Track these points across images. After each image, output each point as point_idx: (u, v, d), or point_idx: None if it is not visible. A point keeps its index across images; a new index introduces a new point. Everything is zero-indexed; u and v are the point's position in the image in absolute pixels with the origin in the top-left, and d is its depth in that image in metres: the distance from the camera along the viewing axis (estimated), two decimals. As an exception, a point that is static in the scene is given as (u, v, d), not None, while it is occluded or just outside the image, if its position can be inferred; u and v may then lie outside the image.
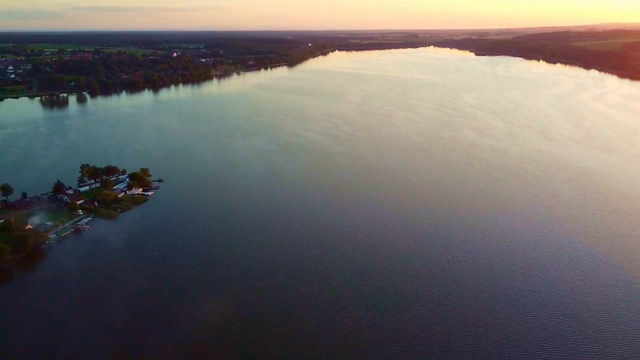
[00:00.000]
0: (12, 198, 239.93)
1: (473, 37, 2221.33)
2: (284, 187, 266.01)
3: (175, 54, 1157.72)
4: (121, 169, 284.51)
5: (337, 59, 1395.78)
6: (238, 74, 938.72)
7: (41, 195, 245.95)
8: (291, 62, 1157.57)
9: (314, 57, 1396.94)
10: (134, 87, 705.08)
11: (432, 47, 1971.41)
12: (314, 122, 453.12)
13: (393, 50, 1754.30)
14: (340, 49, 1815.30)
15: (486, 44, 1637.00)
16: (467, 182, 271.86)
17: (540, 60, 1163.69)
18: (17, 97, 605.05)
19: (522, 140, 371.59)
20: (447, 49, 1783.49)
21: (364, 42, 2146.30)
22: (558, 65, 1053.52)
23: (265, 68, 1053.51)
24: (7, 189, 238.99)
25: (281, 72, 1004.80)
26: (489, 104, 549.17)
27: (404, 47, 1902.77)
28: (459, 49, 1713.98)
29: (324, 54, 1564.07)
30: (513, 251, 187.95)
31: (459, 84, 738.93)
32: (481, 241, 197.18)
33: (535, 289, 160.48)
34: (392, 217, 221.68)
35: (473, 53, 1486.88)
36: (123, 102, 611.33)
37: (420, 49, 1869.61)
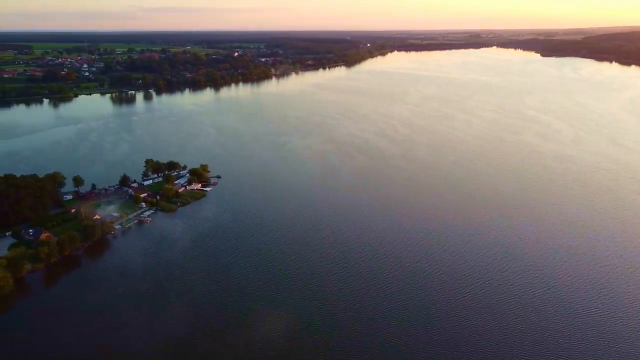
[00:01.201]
0: (82, 189, 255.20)
1: (539, 37, 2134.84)
2: (339, 188, 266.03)
3: (236, 54, 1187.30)
4: (182, 165, 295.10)
5: (395, 60, 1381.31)
6: (296, 73, 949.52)
7: (109, 187, 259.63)
8: (349, 62, 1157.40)
9: (372, 57, 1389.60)
10: (196, 86, 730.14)
11: (494, 47, 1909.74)
12: (370, 122, 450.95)
13: (454, 51, 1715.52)
14: (399, 50, 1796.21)
15: (553, 45, 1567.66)
16: (529, 190, 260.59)
17: (613, 62, 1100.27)
18: (89, 94, 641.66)
19: (590, 146, 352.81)
20: (511, 50, 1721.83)
21: (424, 42, 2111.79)
22: (633, 67, 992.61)
23: (324, 68, 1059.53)
24: (78, 181, 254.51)
25: (339, 72, 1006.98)
26: (554, 107, 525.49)
27: (465, 48, 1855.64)
28: (523, 50, 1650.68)
29: (383, 54, 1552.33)
30: (584, 275, 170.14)
31: (522, 86, 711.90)
32: (546, 260, 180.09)
33: (615, 316, 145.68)
34: (447, 225, 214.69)
35: (538, 54, 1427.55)
36: (186, 99, 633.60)
37: (483, 49, 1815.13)
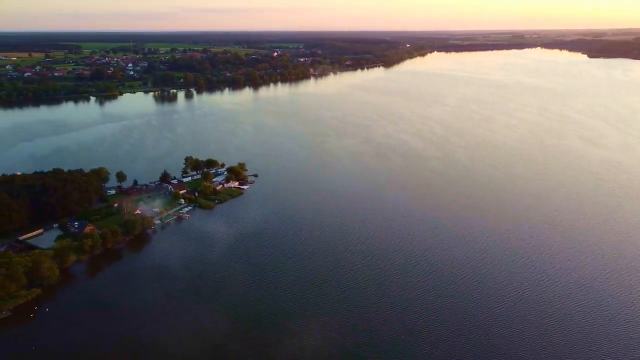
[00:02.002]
0: (125, 185, 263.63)
1: (586, 37, 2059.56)
2: (374, 190, 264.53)
3: (275, 54, 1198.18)
4: (220, 163, 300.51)
5: (435, 60, 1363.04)
6: (335, 73, 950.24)
7: (149, 183, 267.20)
8: (388, 63, 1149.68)
9: (411, 58, 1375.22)
10: (236, 85, 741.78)
11: (539, 48, 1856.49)
12: (407, 124, 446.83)
13: (496, 52, 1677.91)
14: (439, 50, 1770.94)
15: (601, 45, 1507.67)
16: (572, 197, 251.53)
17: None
18: (134, 92, 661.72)
19: None
20: (556, 51, 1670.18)
21: (465, 43, 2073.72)
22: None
23: (362, 68, 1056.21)
24: (121, 176, 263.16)
25: (377, 72, 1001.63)
26: (601, 110, 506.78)
27: (507, 49, 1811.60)
28: (569, 51, 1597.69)
29: (422, 55, 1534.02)
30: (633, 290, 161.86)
31: (567, 88, 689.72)
32: (592, 276, 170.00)
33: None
34: (485, 231, 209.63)
35: (585, 55, 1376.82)
36: (225, 98, 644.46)
37: (526, 50, 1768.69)
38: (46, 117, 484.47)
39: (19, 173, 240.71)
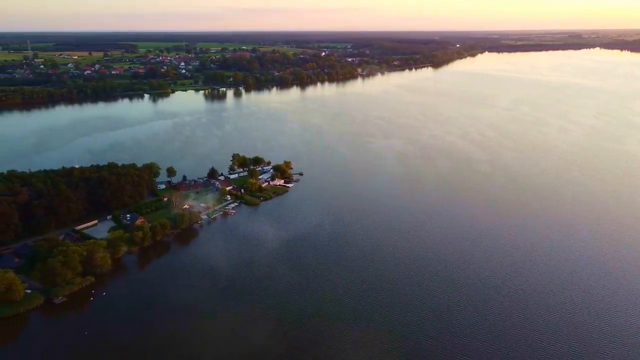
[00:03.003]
0: (174, 180, 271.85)
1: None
2: (420, 192, 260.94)
3: (323, 53, 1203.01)
4: (267, 160, 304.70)
5: (485, 61, 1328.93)
6: (382, 73, 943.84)
7: (198, 179, 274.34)
8: (437, 63, 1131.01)
9: (461, 58, 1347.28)
10: (283, 84, 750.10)
11: (597, 48, 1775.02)
12: (456, 125, 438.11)
13: (551, 52, 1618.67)
14: (490, 51, 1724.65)
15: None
16: (633, 206, 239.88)
17: None
18: (185, 90, 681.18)
19: None
20: (616, 51, 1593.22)
21: (518, 43, 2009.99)
22: None
23: (410, 69, 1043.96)
24: (172, 171, 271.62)
25: (425, 73, 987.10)
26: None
27: (563, 49, 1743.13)
28: (631, 51, 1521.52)
29: (472, 55, 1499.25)
30: None
31: (628, 91, 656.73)
32: None
33: None
34: (536, 240, 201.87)
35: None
36: (273, 97, 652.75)
37: (584, 50, 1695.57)
38: (103, 113, 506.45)
39: (77, 166, 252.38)
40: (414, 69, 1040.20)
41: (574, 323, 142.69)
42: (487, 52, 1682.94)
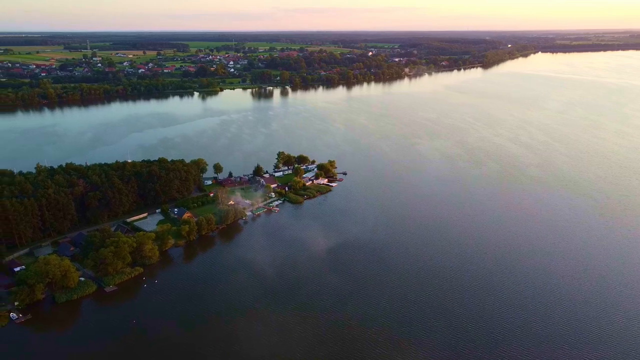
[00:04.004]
0: (221, 176, 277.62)
1: None
2: (467, 195, 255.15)
3: (370, 53, 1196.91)
4: (311, 159, 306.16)
5: (538, 62, 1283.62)
6: (430, 74, 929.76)
7: (243, 175, 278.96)
8: (487, 63, 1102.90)
9: (512, 59, 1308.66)
10: (330, 83, 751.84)
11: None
12: (505, 128, 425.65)
13: (609, 53, 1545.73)
14: (543, 51, 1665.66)
15: None
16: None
17: None
18: (233, 89, 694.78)
19: None
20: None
21: (573, 43, 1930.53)
22: None
23: (459, 69, 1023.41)
24: (218, 168, 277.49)
25: (475, 73, 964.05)
26: None
27: (624, 49, 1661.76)
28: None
29: (525, 55, 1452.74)
30: None
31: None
32: None
33: None
34: (592, 249, 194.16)
35: None
36: (319, 96, 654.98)
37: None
38: (155, 110, 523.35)
39: (129, 160, 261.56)
40: (462, 70, 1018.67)
41: None
42: (540, 52, 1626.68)
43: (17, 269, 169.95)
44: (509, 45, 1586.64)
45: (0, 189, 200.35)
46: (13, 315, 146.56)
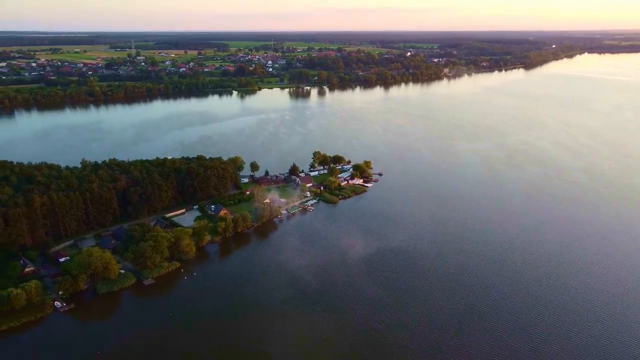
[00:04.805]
0: (257, 174, 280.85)
1: None
2: (507, 200, 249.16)
3: (409, 54, 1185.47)
4: (347, 159, 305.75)
5: (584, 62, 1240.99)
6: (469, 75, 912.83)
7: (279, 174, 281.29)
8: (529, 64, 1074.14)
9: (556, 59, 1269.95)
10: (367, 83, 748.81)
11: None
12: (547, 130, 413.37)
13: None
14: (590, 51, 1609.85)
15: None
16: None
17: None
18: (271, 88, 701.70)
19: None
20: None
21: (622, 43, 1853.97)
22: None
23: (499, 70, 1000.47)
24: (255, 166, 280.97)
25: (516, 74, 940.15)
26: None
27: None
28: None
29: (570, 56, 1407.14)
30: None
31: None
32: None
33: None
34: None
35: None
36: (356, 96, 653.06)
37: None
38: (195, 108, 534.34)
39: (169, 157, 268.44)
40: (503, 71, 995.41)
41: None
42: (586, 53, 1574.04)
43: (62, 259, 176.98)
44: (553, 46, 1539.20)
45: (48, 182, 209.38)
46: (57, 303, 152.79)
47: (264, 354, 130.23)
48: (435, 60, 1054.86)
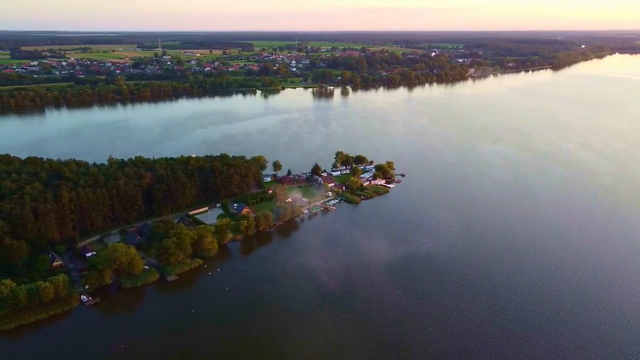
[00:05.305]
0: (280, 173, 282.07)
1: None
2: (532, 203, 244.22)
3: (433, 54, 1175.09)
4: (369, 160, 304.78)
5: (615, 63, 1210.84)
6: (495, 75, 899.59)
7: (302, 174, 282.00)
8: (557, 65, 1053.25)
9: (586, 60, 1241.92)
10: (390, 84, 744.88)
11: None
12: (575, 132, 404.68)
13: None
14: (621, 52, 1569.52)
15: None
16: None
17: None
18: (294, 87, 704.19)
19: None
20: None
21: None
22: None
23: (526, 70, 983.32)
24: (277, 165, 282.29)
25: (543, 75, 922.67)
26: None
27: None
28: None
29: (600, 57, 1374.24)
30: None
31: None
32: None
33: None
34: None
35: None
36: (379, 97, 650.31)
37: None
38: (219, 107, 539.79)
39: (193, 155, 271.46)
40: (530, 71, 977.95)
41: None
42: (617, 53, 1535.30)
43: (89, 254, 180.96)
44: (583, 46, 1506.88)
45: (76, 178, 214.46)
46: (84, 297, 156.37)
47: (280, 354, 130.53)
48: (460, 60, 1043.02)
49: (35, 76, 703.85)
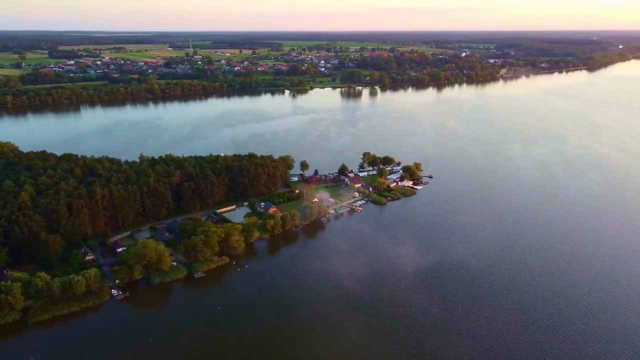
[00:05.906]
0: (307, 173, 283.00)
1: None
2: (564, 208, 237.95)
3: (463, 54, 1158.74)
4: (397, 161, 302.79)
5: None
6: (527, 76, 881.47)
7: (328, 174, 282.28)
8: (593, 66, 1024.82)
9: (623, 61, 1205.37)
10: (419, 84, 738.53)
11: None
12: (610, 135, 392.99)
13: None
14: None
15: None
16: None
17: None
18: (322, 87, 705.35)
19: None
20: None
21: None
22: None
23: (560, 71, 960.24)
24: (304, 165, 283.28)
25: (578, 76, 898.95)
26: None
27: None
28: None
29: (638, 57, 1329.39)
30: None
31: None
32: None
33: None
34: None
35: None
36: (408, 97, 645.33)
37: None
38: (248, 106, 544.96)
39: (222, 154, 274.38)
40: (565, 72, 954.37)
41: None
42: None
43: (120, 249, 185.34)
44: (620, 46, 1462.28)
45: (109, 175, 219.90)
46: (114, 291, 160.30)
47: (303, 356, 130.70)
48: (492, 61, 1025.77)
49: (72, 75, 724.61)
